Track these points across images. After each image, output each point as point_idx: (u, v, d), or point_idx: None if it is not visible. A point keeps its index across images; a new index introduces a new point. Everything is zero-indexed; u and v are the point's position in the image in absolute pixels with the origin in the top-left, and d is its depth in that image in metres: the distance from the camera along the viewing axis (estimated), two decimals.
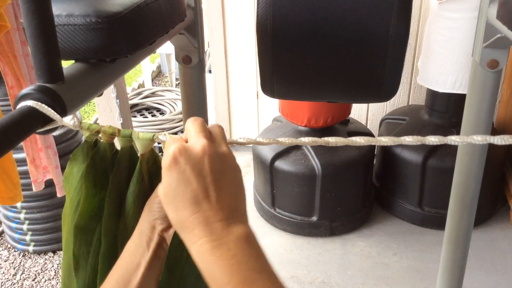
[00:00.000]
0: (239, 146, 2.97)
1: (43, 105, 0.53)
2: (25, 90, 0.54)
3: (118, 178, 0.58)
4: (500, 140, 0.43)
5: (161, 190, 0.49)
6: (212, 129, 0.53)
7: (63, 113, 0.55)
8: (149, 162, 0.59)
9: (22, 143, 1.37)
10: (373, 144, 0.49)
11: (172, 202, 0.48)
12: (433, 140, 0.45)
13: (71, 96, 0.58)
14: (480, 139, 0.44)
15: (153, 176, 0.60)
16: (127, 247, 0.55)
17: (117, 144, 0.59)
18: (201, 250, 0.46)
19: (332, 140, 0.50)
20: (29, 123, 0.52)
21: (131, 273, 0.53)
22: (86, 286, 0.60)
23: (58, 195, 1.56)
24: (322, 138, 0.50)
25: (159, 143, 0.57)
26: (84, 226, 0.58)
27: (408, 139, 0.46)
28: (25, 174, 1.79)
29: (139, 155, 0.58)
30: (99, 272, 0.59)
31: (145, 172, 0.59)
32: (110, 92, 1.62)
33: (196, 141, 0.49)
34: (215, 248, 0.46)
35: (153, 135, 0.56)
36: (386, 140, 0.47)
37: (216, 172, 0.49)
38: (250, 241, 0.47)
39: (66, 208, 0.61)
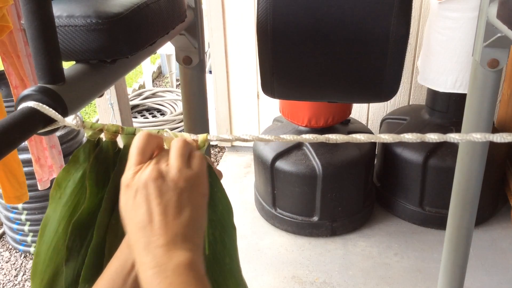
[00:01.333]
0: (240, 147, 2.97)
1: (44, 105, 0.53)
2: (26, 91, 0.54)
3: (119, 176, 0.58)
4: (499, 138, 0.43)
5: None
6: (172, 146, 0.52)
7: (64, 114, 0.56)
8: None
9: (27, 143, 1.37)
10: (373, 141, 0.49)
11: (125, 224, 0.50)
12: (433, 137, 0.45)
13: (72, 97, 0.58)
14: (479, 136, 0.44)
15: None
16: (126, 239, 0.56)
17: (120, 143, 0.59)
18: (143, 276, 0.47)
19: (333, 137, 0.50)
20: (30, 123, 0.52)
21: (129, 263, 0.54)
22: (75, 275, 0.60)
23: None
24: (323, 135, 0.51)
25: None
26: (82, 222, 0.58)
27: (408, 136, 0.46)
28: (28, 175, 1.79)
29: None
30: (85, 265, 0.59)
31: None
32: (111, 93, 1.62)
33: (146, 167, 0.50)
34: (154, 275, 0.46)
35: (157, 132, 0.56)
36: (386, 138, 0.48)
37: (161, 198, 0.48)
38: (191, 269, 0.46)
39: (49, 218, 0.59)
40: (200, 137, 0.56)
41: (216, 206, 0.61)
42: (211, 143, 2.93)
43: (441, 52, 1.95)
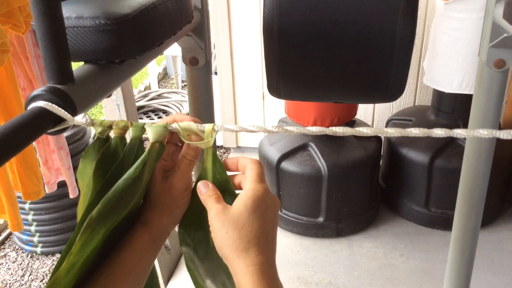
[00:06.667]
0: (245, 148, 2.98)
1: (54, 105, 0.53)
2: (36, 91, 0.55)
3: (119, 172, 0.56)
4: (506, 134, 0.43)
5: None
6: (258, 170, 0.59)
7: (73, 114, 0.56)
8: (158, 155, 0.57)
9: (35, 145, 1.38)
10: (379, 135, 0.50)
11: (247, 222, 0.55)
12: (439, 133, 0.45)
13: (81, 97, 0.58)
14: (486, 133, 0.45)
15: (151, 171, 0.58)
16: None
17: (128, 140, 0.59)
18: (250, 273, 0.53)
19: (339, 130, 0.50)
20: (40, 123, 0.52)
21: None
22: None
23: (71, 196, 1.57)
24: (329, 128, 0.51)
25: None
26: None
27: (415, 131, 0.46)
28: None
29: (150, 142, 0.56)
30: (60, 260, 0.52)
31: (149, 165, 0.57)
32: (118, 94, 1.63)
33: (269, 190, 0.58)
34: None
35: (166, 124, 0.56)
36: (392, 131, 0.48)
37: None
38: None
39: (80, 203, 0.61)
40: (207, 127, 0.56)
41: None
42: (216, 144, 2.93)
43: (447, 52, 1.94)
